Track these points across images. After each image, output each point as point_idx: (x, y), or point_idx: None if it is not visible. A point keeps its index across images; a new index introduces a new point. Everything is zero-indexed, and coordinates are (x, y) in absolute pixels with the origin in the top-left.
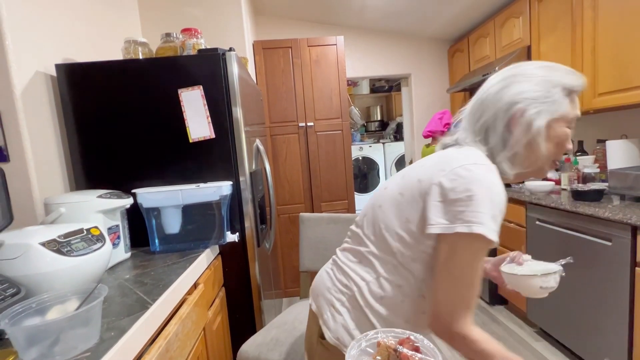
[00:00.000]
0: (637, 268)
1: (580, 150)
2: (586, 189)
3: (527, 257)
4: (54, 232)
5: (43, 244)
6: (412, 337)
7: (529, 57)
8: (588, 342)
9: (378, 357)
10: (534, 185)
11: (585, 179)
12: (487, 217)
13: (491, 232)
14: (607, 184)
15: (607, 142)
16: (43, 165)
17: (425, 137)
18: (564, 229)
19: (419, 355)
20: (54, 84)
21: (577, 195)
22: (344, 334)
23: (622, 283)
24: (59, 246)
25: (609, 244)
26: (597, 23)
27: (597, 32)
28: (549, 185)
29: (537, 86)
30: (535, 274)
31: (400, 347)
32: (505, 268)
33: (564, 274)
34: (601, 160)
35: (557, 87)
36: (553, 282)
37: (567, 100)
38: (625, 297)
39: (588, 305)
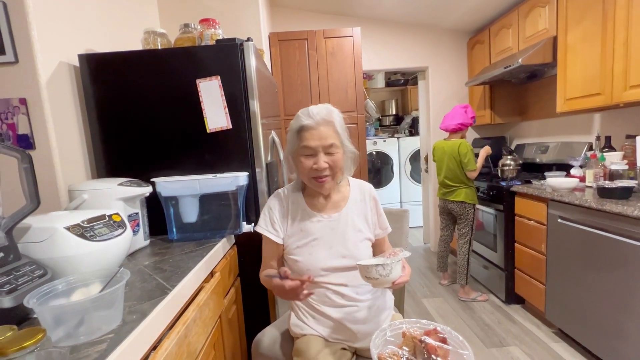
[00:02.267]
0: None
1: (608, 146)
2: (614, 186)
3: (406, 254)
4: (78, 217)
5: (68, 229)
6: (438, 329)
7: (554, 49)
8: (611, 346)
9: (404, 347)
10: (557, 181)
11: (613, 176)
12: (260, 218)
13: (257, 226)
14: (636, 181)
15: (637, 137)
16: (67, 153)
17: (454, 130)
18: (588, 227)
19: (446, 346)
20: (77, 74)
21: (604, 192)
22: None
23: None
24: (82, 231)
25: (638, 244)
26: (630, 12)
27: (631, 22)
28: (572, 182)
29: (288, 133)
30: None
31: (427, 337)
32: (365, 260)
33: (385, 271)
34: (630, 157)
35: (292, 131)
36: (374, 274)
37: (297, 138)
38: None
39: (612, 306)
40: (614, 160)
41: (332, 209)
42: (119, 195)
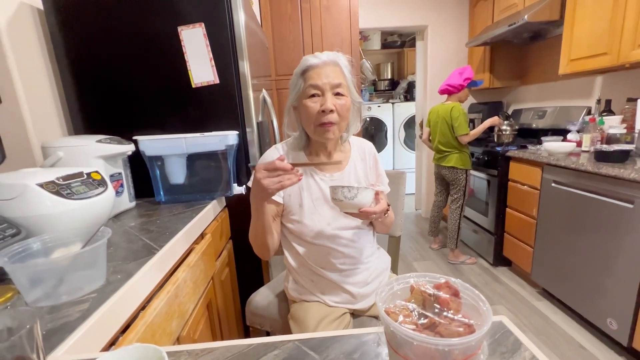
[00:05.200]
0: None
1: (608, 110)
2: (611, 150)
3: (384, 188)
4: (52, 174)
5: (41, 185)
6: (450, 282)
7: (562, 5)
8: (591, 303)
9: (412, 302)
10: (553, 146)
11: (610, 140)
12: (253, 175)
13: (250, 182)
14: (633, 145)
15: (638, 100)
16: (38, 108)
17: (442, 92)
18: (581, 191)
19: (458, 299)
20: (42, 18)
21: (601, 156)
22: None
23: (639, 245)
24: (58, 188)
25: (631, 206)
26: None
27: None
28: (569, 146)
29: (291, 81)
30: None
31: (438, 291)
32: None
33: (350, 193)
34: (629, 121)
35: (295, 76)
36: (339, 195)
37: (302, 80)
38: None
39: (597, 266)
40: (613, 124)
41: (334, 168)
42: (98, 153)
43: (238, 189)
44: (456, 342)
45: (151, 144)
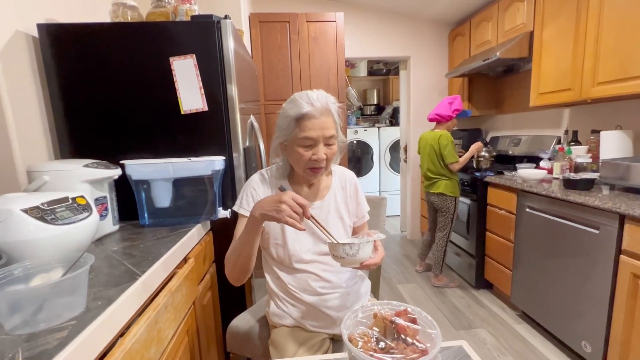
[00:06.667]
0: (621, 256)
1: (575, 140)
2: (578, 178)
3: (380, 236)
4: (37, 199)
5: (25, 211)
6: (409, 309)
7: (530, 44)
8: (567, 326)
9: (375, 328)
10: (527, 173)
11: (577, 168)
12: (238, 199)
13: (236, 206)
14: (598, 173)
15: (601, 132)
16: (26, 131)
17: (431, 120)
18: (553, 216)
19: (415, 326)
20: (36, 46)
21: (569, 183)
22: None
23: (606, 270)
24: (42, 214)
25: (597, 232)
26: (602, 11)
27: (602, 21)
28: (541, 173)
29: (280, 118)
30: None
31: (397, 318)
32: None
33: (352, 250)
34: (594, 151)
35: (288, 117)
36: (341, 252)
37: (296, 126)
38: (608, 284)
39: (570, 290)
40: (580, 154)
41: (316, 196)
42: (85, 178)
43: (223, 213)
44: None
45: (138, 168)
